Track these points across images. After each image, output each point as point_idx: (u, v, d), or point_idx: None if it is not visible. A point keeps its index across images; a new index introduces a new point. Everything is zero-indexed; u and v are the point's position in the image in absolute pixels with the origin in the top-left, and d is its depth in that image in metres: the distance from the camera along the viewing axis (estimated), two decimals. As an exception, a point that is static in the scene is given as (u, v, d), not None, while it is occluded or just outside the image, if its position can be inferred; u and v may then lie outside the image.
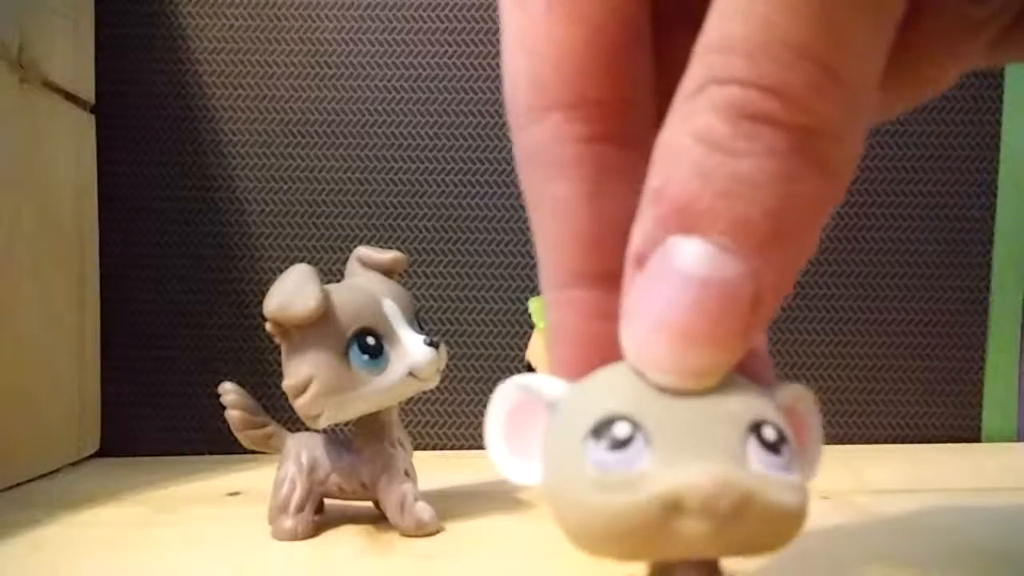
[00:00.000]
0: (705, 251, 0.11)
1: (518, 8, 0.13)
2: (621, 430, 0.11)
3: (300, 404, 0.25)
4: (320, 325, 0.25)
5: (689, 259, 0.11)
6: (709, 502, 0.10)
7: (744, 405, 0.11)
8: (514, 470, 0.13)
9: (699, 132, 0.11)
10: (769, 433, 0.11)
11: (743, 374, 0.12)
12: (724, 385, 0.11)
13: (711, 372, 0.11)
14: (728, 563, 0.13)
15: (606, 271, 0.13)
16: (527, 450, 0.13)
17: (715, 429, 0.11)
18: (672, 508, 0.10)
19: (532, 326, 0.36)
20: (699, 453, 0.11)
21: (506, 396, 0.13)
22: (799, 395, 0.13)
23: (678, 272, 0.11)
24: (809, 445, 0.13)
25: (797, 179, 0.10)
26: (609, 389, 0.12)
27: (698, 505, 0.10)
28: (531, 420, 0.13)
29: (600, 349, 0.13)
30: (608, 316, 0.12)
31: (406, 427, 0.29)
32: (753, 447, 0.11)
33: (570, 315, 0.13)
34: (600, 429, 0.11)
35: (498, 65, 0.43)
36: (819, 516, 0.27)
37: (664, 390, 0.11)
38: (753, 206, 0.10)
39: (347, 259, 0.28)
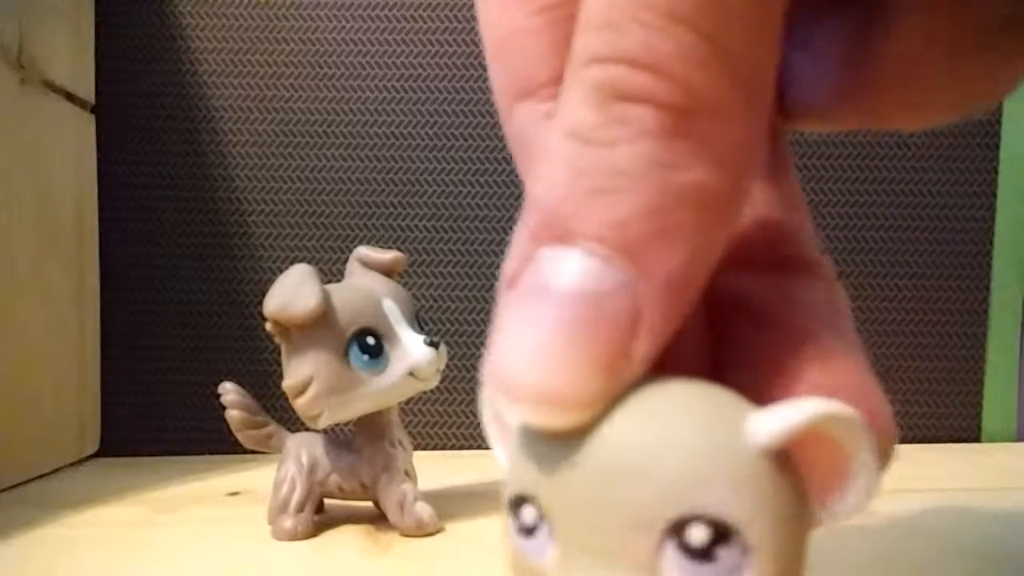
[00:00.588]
0: (575, 262, 0.09)
1: (491, 6, 0.12)
2: (527, 515, 0.09)
3: (300, 404, 0.25)
4: (320, 325, 0.25)
5: (556, 272, 0.09)
6: None
7: (667, 490, 0.08)
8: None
9: (567, 126, 0.09)
10: (696, 536, 0.08)
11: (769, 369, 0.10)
12: (655, 445, 0.09)
13: (583, 404, 0.09)
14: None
15: None
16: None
17: (623, 529, 0.09)
18: None
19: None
20: (601, 560, 0.09)
21: (489, 404, 0.11)
22: (830, 419, 0.09)
23: (545, 287, 0.09)
24: (845, 483, 0.09)
25: (676, 167, 0.09)
26: (529, 451, 0.10)
27: None
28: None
29: None
30: None
31: (406, 427, 0.29)
32: (671, 557, 0.08)
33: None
34: (514, 506, 0.10)
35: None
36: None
37: (579, 459, 0.09)
38: (625, 203, 0.09)
39: (347, 259, 0.28)
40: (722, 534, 0.08)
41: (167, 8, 0.42)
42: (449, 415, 0.42)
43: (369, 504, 0.28)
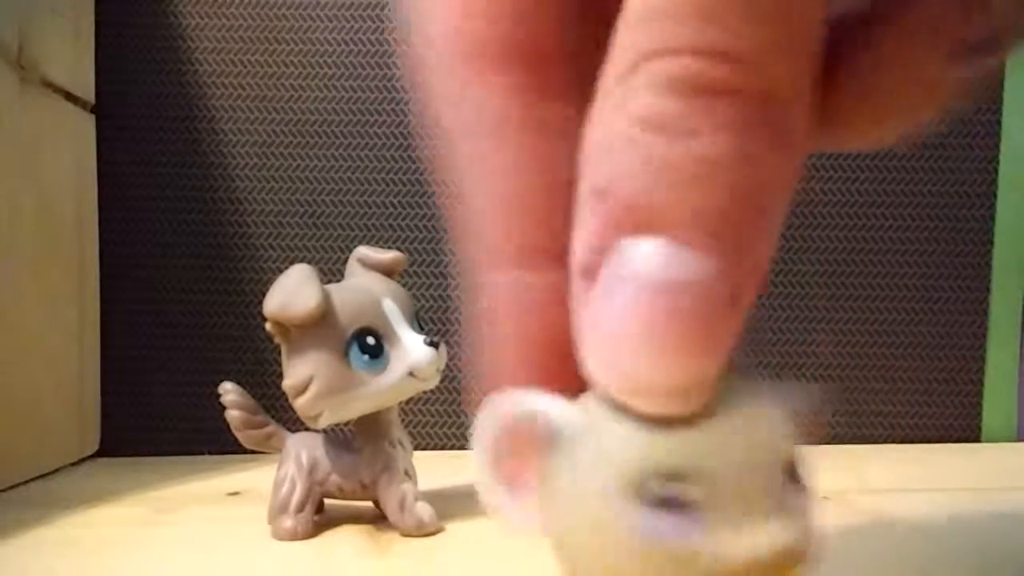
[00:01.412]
0: (667, 252, 0.09)
1: None
2: (678, 490, 0.09)
3: (300, 404, 0.25)
4: (320, 325, 0.25)
5: (651, 262, 0.09)
6: (770, 570, 0.09)
7: (777, 437, 0.10)
8: (510, 512, 0.11)
9: (641, 115, 0.09)
10: (799, 466, 0.10)
11: None
12: (752, 408, 0.10)
13: (698, 388, 0.10)
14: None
15: (556, 248, 0.11)
16: (519, 487, 0.11)
17: (762, 478, 0.10)
18: None
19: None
20: (757, 513, 0.09)
21: (500, 414, 0.11)
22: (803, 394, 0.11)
23: (641, 279, 0.09)
24: None
25: (759, 155, 0.09)
26: (634, 433, 0.10)
27: (760, 572, 0.09)
28: (524, 449, 0.11)
29: (560, 347, 0.11)
30: (561, 302, 0.11)
31: (406, 427, 0.29)
32: (789, 487, 0.10)
33: (516, 304, 0.12)
34: (649, 485, 0.09)
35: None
36: (819, 515, 0.27)
37: (712, 433, 0.10)
38: (715, 192, 0.09)
39: (347, 259, 0.28)
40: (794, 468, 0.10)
41: (167, 8, 0.42)
42: (449, 415, 0.42)
43: (369, 504, 0.28)
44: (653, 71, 0.09)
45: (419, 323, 0.27)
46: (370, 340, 0.25)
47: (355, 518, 0.28)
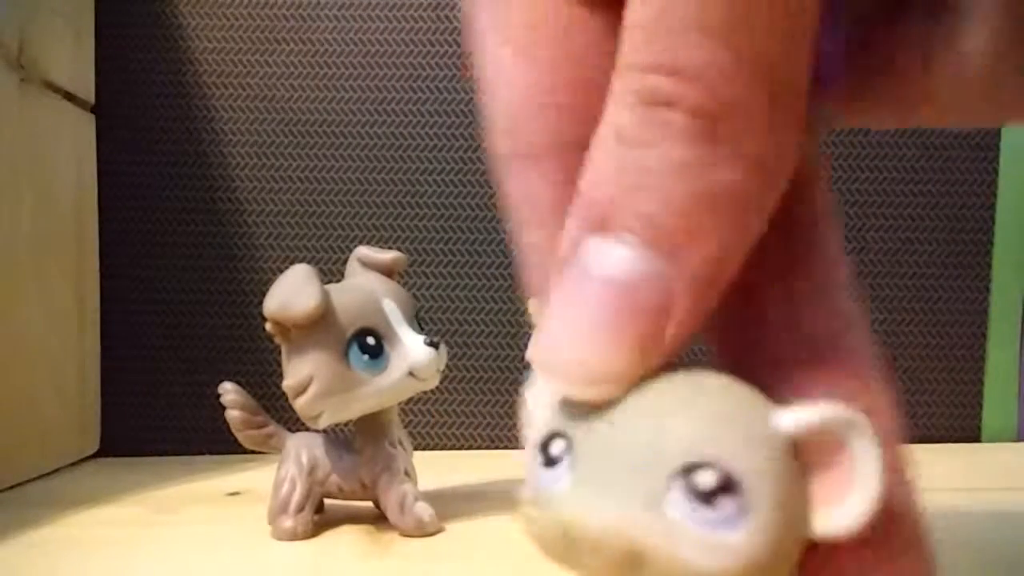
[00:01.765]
0: (615, 251, 0.10)
1: (481, 46, 0.13)
2: (555, 448, 0.11)
3: (300, 404, 0.25)
4: (320, 325, 0.25)
5: (597, 260, 0.10)
6: (596, 546, 0.10)
7: (685, 438, 0.10)
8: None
9: (612, 125, 0.10)
10: (704, 479, 0.09)
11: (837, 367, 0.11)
12: (682, 404, 0.10)
13: (611, 380, 0.10)
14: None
15: None
16: None
17: (637, 465, 0.10)
18: (569, 541, 0.10)
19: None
20: (608, 491, 0.10)
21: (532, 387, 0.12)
22: (836, 419, 0.09)
23: (587, 273, 0.10)
24: (853, 483, 0.10)
25: (706, 168, 0.09)
26: (563, 400, 0.11)
27: (587, 547, 0.10)
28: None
29: None
30: None
31: (406, 427, 0.29)
32: (677, 494, 0.09)
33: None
34: (544, 442, 0.11)
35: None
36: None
37: (610, 406, 0.10)
38: (658, 199, 0.10)
39: (347, 259, 0.28)
40: (726, 485, 0.09)
41: (167, 8, 0.42)
42: (449, 415, 0.42)
43: (369, 504, 0.28)
44: (621, 85, 0.10)
45: (419, 323, 0.27)
46: (370, 340, 0.25)
47: (355, 518, 0.28)
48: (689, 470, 0.09)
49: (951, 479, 0.34)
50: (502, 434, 0.42)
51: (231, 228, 0.42)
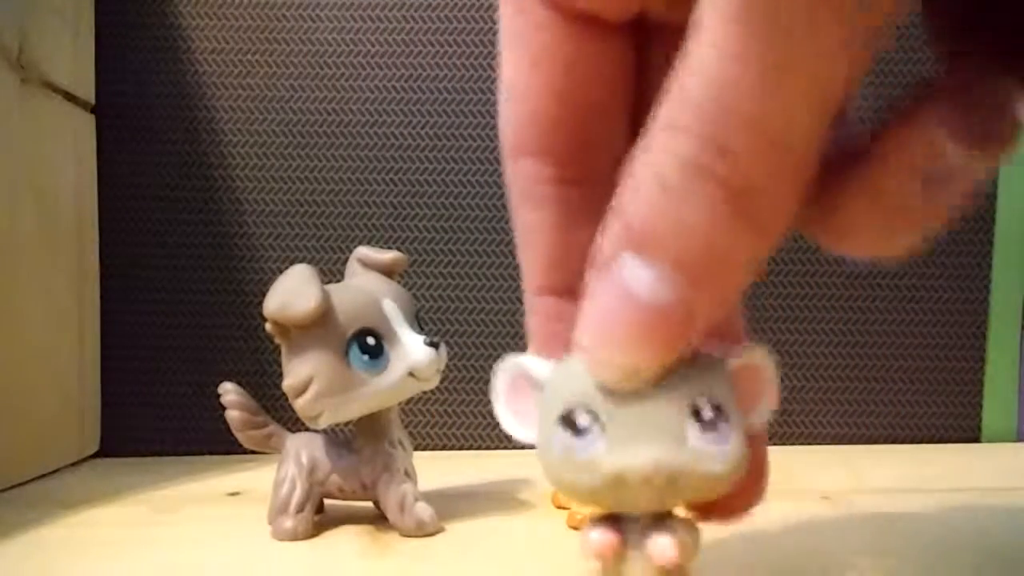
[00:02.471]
0: (650, 275, 0.12)
1: (509, 58, 0.15)
2: (581, 420, 0.14)
3: (300, 404, 0.25)
4: (320, 325, 0.25)
5: (636, 278, 0.13)
6: (646, 479, 0.13)
7: (685, 390, 0.14)
8: (516, 431, 0.16)
9: (656, 171, 0.12)
10: (706, 412, 0.14)
11: (718, 336, 0.15)
12: (673, 371, 0.13)
13: (644, 373, 0.13)
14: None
15: (566, 285, 0.16)
16: (526, 417, 0.15)
17: (658, 415, 0.13)
18: (620, 484, 0.13)
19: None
20: (642, 438, 0.13)
21: (505, 370, 0.16)
22: (754, 356, 0.15)
23: (626, 289, 0.13)
24: (764, 393, 0.15)
25: (731, 230, 0.12)
26: (578, 380, 0.14)
27: (638, 481, 0.13)
28: (527, 392, 0.15)
29: (560, 345, 0.15)
30: (564, 319, 0.15)
31: (406, 427, 0.29)
32: (692, 426, 0.13)
33: (536, 315, 0.17)
34: (566, 417, 0.14)
35: (498, 67, 0.43)
36: (819, 515, 0.27)
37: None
38: (692, 246, 0.12)
39: (347, 259, 0.28)
40: (719, 412, 0.14)
41: (167, 8, 0.42)
42: (449, 415, 0.42)
43: (369, 504, 0.28)
44: (672, 139, 0.12)
45: (419, 323, 0.27)
46: (370, 340, 0.25)
47: (355, 518, 0.28)
48: (695, 408, 0.14)
49: (951, 479, 0.34)
50: (502, 434, 0.42)
51: (231, 228, 0.42)
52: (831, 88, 0.12)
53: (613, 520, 0.15)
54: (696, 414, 0.14)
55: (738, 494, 0.15)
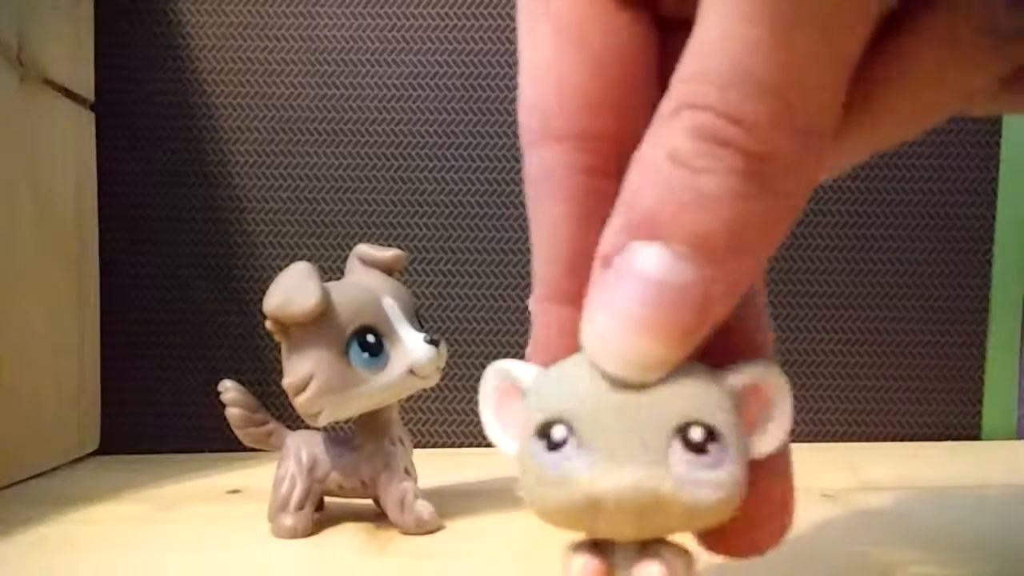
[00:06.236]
0: (664, 256, 0.12)
1: (529, 35, 0.14)
2: (557, 433, 0.13)
3: (300, 402, 0.25)
4: (320, 323, 0.25)
5: (649, 262, 0.12)
6: (622, 505, 0.12)
7: (675, 406, 0.12)
8: (501, 441, 0.14)
9: (670, 150, 0.12)
10: (695, 434, 0.12)
11: (737, 338, 0.13)
12: (664, 384, 0.12)
13: (658, 365, 0.12)
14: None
15: (583, 292, 0.14)
16: (510, 425, 0.14)
17: (641, 433, 0.12)
18: (595, 507, 0.12)
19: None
20: (622, 458, 0.12)
21: (492, 377, 0.15)
22: (761, 374, 0.13)
23: (639, 273, 0.12)
24: (773, 418, 0.13)
25: (751, 199, 0.11)
26: (557, 389, 0.13)
27: (613, 506, 0.12)
28: (512, 399, 0.14)
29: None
30: (576, 334, 0.13)
31: (406, 425, 0.29)
32: (677, 449, 0.12)
33: (546, 327, 0.15)
34: (542, 430, 0.13)
35: (498, 64, 0.43)
36: (819, 514, 0.27)
37: (602, 391, 0.12)
38: (710, 219, 0.11)
39: (347, 257, 0.28)
40: (711, 435, 0.12)
41: (167, 5, 0.42)
42: (449, 413, 0.42)
43: (369, 502, 0.28)
44: (686, 118, 0.11)
45: (419, 321, 0.27)
46: (370, 338, 0.25)
47: (355, 516, 0.28)
48: (684, 428, 0.12)
49: (951, 477, 0.34)
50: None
51: (231, 226, 0.42)
52: (845, 41, 0.11)
53: (598, 545, 0.14)
54: (683, 435, 0.12)
55: (753, 528, 0.14)
